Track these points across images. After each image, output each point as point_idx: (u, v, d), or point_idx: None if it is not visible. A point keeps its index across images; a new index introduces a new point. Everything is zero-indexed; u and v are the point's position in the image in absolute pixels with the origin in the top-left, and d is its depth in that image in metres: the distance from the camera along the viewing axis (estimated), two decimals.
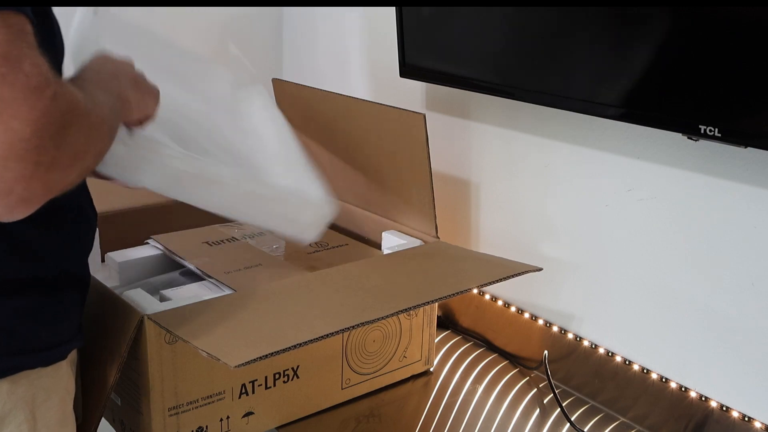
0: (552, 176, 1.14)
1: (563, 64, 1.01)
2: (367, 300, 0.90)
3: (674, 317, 1.01)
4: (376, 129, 1.15)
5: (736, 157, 0.90)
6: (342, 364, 1.03)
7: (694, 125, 0.85)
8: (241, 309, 0.88)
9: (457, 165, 1.27)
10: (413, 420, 1.03)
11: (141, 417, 0.89)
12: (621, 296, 1.07)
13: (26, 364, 0.72)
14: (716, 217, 0.95)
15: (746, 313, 0.94)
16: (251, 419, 0.96)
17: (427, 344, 1.13)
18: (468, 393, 1.10)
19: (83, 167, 0.61)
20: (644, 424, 1.04)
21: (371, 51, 1.42)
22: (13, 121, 0.53)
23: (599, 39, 0.96)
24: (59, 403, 0.75)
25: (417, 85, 1.31)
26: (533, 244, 1.18)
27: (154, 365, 0.86)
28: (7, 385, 0.70)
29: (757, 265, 0.92)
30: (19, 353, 0.71)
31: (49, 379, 0.74)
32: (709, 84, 0.85)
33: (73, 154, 0.58)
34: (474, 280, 0.97)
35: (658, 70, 0.89)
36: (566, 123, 1.09)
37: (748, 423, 0.94)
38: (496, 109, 1.20)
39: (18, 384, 0.71)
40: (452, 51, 1.17)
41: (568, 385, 1.13)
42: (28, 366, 0.72)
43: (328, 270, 1.01)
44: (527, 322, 1.19)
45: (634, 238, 1.04)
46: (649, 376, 1.04)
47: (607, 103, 0.97)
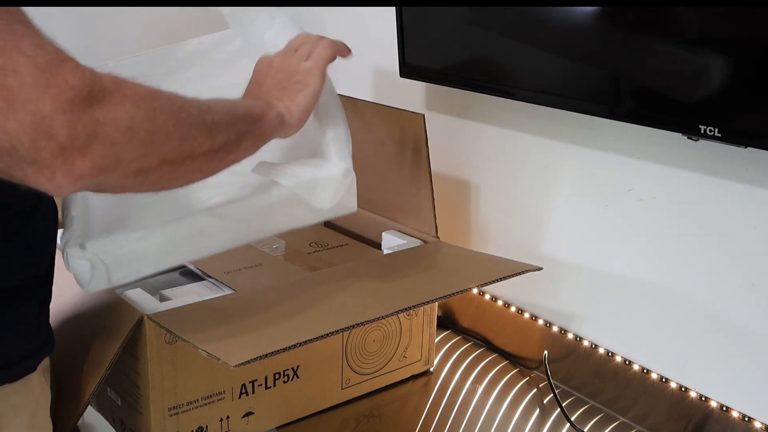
0: (552, 176, 1.14)
1: (563, 64, 1.01)
2: (367, 300, 0.90)
3: (674, 317, 1.01)
4: (376, 129, 1.15)
5: (736, 157, 0.90)
6: (342, 364, 1.03)
7: (694, 125, 0.85)
8: (241, 309, 0.88)
9: (457, 165, 1.27)
10: (413, 420, 1.03)
11: (141, 417, 0.89)
12: (621, 296, 1.07)
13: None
14: (716, 217, 0.95)
15: (746, 313, 0.94)
16: (251, 419, 0.96)
17: (427, 344, 1.13)
18: (468, 393, 1.10)
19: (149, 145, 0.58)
20: (644, 424, 1.04)
21: (371, 51, 1.41)
22: (29, 104, 0.51)
23: (599, 39, 0.96)
24: (29, 417, 0.73)
25: (417, 85, 1.31)
26: (533, 244, 1.17)
27: (154, 365, 0.86)
28: None
29: (757, 265, 0.92)
30: None
31: (18, 396, 0.71)
32: (709, 84, 0.85)
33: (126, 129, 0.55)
34: (474, 279, 0.97)
35: (658, 69, 0.89)
36: (566, 123, 1.09)
37: (748, 423, 0.94)
38: (496, 109, 1.20)
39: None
40: (452, 51, 1.17)
41: (568, 385, 1.13)
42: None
43: (328, 270, 1.01)
44: (527, 322, 1.19)
45: (634, 238, 1.04)
46: (649, 376, 1.04)
47: (607, 103, 0.97)
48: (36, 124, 0.51)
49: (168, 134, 0.60)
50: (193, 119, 0.63)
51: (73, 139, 0.53)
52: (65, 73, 0.52)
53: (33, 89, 0.51)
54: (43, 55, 0.52)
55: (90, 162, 0.54)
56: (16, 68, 0.51)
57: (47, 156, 0.52)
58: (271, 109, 0.76)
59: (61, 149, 0.52)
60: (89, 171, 0.54)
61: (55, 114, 0.52)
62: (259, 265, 1.09)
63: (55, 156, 0.52)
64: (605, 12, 0.92)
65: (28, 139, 0.51)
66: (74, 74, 0.53)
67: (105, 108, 0.54)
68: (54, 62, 0.52)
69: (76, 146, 0.53)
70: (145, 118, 0.57)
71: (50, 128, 0.51)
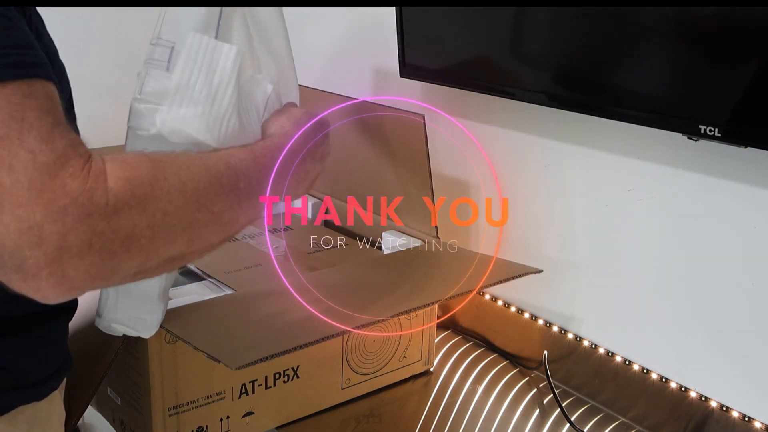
0: (552, 176, 1.14)
1: (563, 64, 1.01)
2: (367, 300, 0.90)
3: (674, 317, 1.01)
4: (376, 129, 1.15)
5: (736, 157, 0.90)
6: (342, 364, 1.03)
7: (694, 125, 0.85)
8: (241, 309, 0.88)
9: (457, 165, 1.27)
10: (413, 420, 1.03)
11: (141, 417, 0.89)
12: (621, 296, 1.07)
13: (22, 399, 0.67)
14: (716, 217, 0.95)
15: (746, 313, 0.93)
16: (251, 419, 0.96)
17: (427, 344, 1.13)
18: (468, 393, 1.10)
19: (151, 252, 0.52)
20: (644, 424, 1.04)
21: (371, 51, 1.41)
22: (18, 209, 0.46)
23: (599, 39, 0.96)
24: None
25: (417, 85, 1.31)
26: (533, 244, 1.17)
27: (154, 365, 0.86)
28: (4, 425, 0.66)
29: (757, 265, 0.92)
30: (14, 389, 0.66)
31: (44, 413, 0.71)
32: (709, 84, 0.85)
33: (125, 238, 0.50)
34: (474, 282, 0.96)
35: (658, 69, 0.89)
36: (566, 123, 1.09)
37: (748, 423, 0.94)
38: (497, 109, 1.20)
39: (15, 422, 0.67)
40: (452, 51, 1.17)
41: (568, 385, 1.13)
42: (24, 402, 0.67)
43: (327, 270, 1.01)
44: (527, 322, 1.19)
45: (634, 238, 1.04)
46: (649, 376, 1.04)
47: (606, 103, 0.97)
48: (22, 231, 0.47)
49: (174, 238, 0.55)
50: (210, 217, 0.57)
51: (63, 250, 0.48)
52: (65, 176, 0.47)
53: (25, 191, 0.46)
54: (46, 153, 0.47)
55: (83, 274, 0.49)
56: (12, 164, 0.46)
57: (32, 266, 0.47)
58: None
59: (48, 261, 0.47)
60: (80, 283, 0.50)
61: (45, 223, 0.47)
62: (259, 265, 1.09)
63: (41, 268, 0.48)
64: (605, 12, 0.92)
65: (12, 246, 0.47)
66: (75, 178, 0.48)
67: (105, 218, 0.49)
68: (57, 162, 0.47)
69: (66, 258, 0.48)
70: (149, 225, 0.52)
71: (38, 237, 0.47)
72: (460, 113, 1.26)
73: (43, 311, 0.68)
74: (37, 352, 0.69)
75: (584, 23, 0.95)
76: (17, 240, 0.47)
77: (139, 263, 0.53)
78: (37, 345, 0.69)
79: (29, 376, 0.68)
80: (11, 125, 0.47)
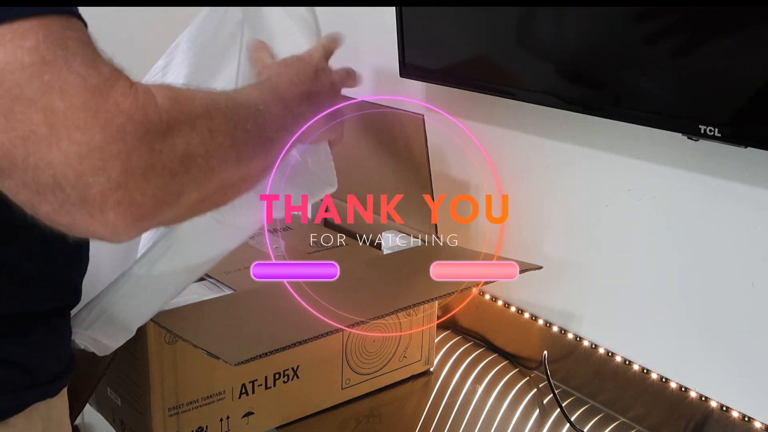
0: (552, 176, 1.14)
1: (563, 64, 1.01)
2: (367, 299, 0.90)
3: (674, 317, 1.01)
4: (375, 129, 1.15)
5: (736, 157, 0.90)
6: (342, 364, 1.03)
7: (694, 125, 0.85)
8: (241, 309, 0.88)
9: (457, 164, 1.27)
10: (413, 420, 1.03)
11: (141, 417, 0.89)
12: (621, 296, 1.07)
13: (38, 396, 0.67)
14: (716, 217, 0.95)
15: (746, 313, 0.93)
16: (251, 419, 0.96)
17: (427, 344, 1.13)
18: (468, 393, 1.10)
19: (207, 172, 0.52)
20: (644, 424, 1.04)
21: (371, 51, 1.41)
22: (76, 132, 0.44)
23: (599, 39, 0.96)
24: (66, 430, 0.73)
25: (417, 85, 1.31)
26: (533, 243, 1.17)
27: (154, 365, 0.86)
28: (22, 421, 0.65)
29: (757, 265, 0.92)
30: (31, 387, 0.66)
31: (57, 410, 0.71)
32: (710, 84, 0.85)
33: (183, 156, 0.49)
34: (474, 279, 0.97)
35: (659, 69, 0.89)
36: (566, 123, 1.09)
37: (748, 423, 0.94)
38: (496, 109, 1.20)
39: (31, 419, 0.67)
40: (452, 51, 1.17)
41: (568, 385, 1.13)
42: (39, 398, 0.67)
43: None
44: (527, 322, 1.19)
45: (634, 238, 1.04)
46: (649, 376, 1.04)
47: (607, 103, 0.97)
48: (83, 156, 0.44)
49: (225, 157, 0.54)
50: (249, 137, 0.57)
51: (128, 173, 0.46)
52: (117, 95, 0.46)
53: (81, 114, 0.45)
54: (95, 76, 0.46)
55: (150, 199, 0.47)
56: (63, 87, 0.45)
57: (98, 195, 0.45)
58: None
59: (114, 186, 0.45)
60: (149, 210, 0.48)
61: (106, 144, 0.45)
62: None
63: (108, 195, 0.45)
64: (605, 12, 0.92)
65: (74, 174, 0.45)
66: (126, 96, 0.47)
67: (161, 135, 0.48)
68: (107, 83, 0.46)
69: (132, 182, 0.46)
70: (200, 142, 0.51)
71: (101, 161, 0.45)
72: (461, 113, 1.26)
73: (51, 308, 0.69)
74: (50, 348, 0.69)
75: (584, 23, 0.95)
76: (78, 167, 0.45)
77: (198, 185, 0.51)
78: (50, 342, 0.69)
79: (44, 373, 0.68)
80: (57, 51, 0.45)
